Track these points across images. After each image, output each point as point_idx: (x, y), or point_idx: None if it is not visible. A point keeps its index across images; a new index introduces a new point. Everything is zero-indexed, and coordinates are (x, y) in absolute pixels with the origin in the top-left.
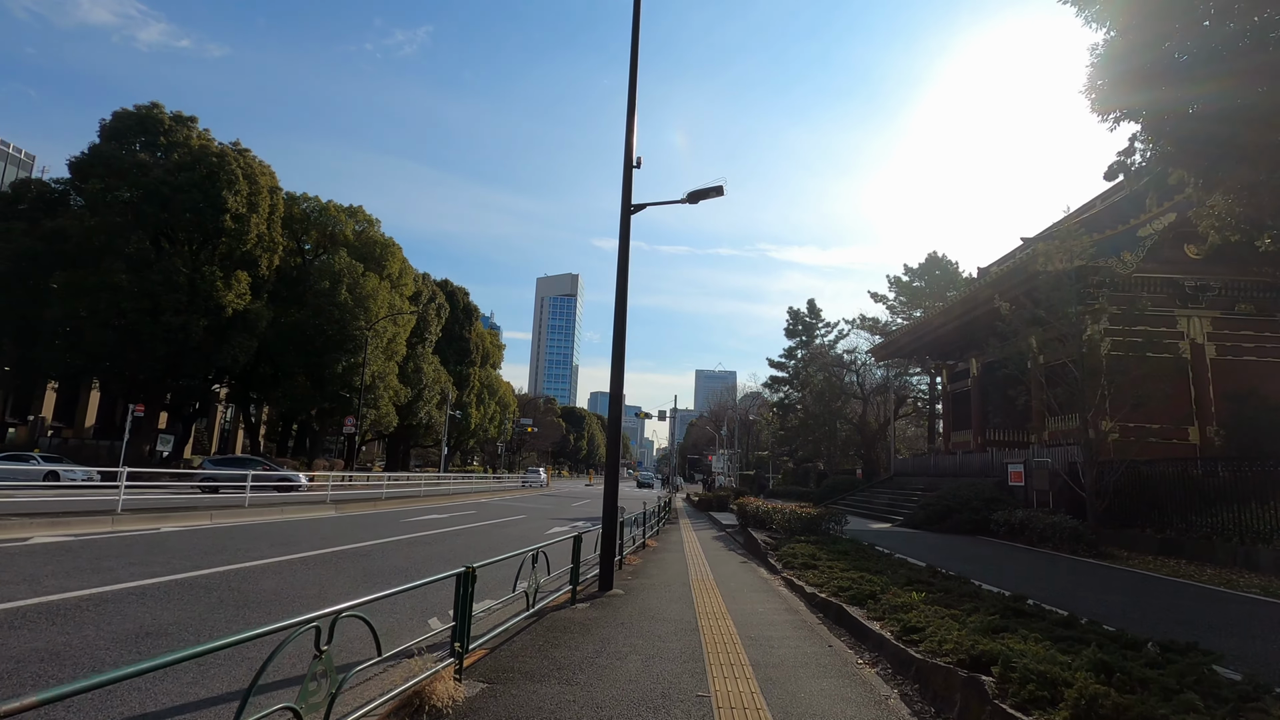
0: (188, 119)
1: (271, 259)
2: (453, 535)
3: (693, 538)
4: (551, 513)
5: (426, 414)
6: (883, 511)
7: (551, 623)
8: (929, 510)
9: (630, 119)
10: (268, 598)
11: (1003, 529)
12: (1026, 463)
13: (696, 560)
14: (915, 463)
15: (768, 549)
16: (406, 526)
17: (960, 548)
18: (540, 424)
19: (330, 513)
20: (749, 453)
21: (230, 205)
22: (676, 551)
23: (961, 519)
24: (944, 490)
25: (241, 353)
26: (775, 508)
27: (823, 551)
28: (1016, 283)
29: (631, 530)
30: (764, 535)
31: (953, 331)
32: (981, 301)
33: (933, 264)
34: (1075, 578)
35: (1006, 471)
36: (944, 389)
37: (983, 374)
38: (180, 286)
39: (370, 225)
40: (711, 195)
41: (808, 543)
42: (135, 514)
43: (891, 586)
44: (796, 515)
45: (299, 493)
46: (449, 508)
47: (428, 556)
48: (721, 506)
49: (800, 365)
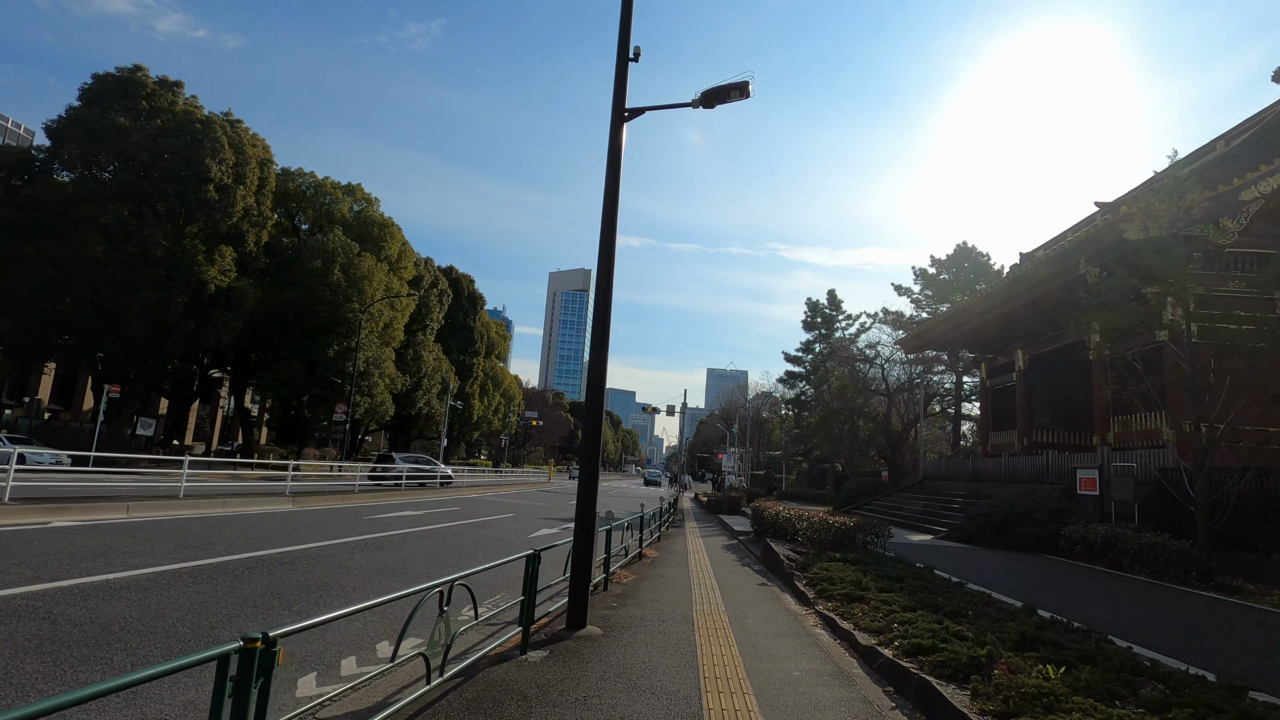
0: (173, 84)
1: (260, 235)
2: (416, 538)
3: (699, 546)
4: (545, 511)
5: (426, 404)
6: (918, 520)
7: (476, 695)
8: (981, 522)
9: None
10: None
11: (1078, 547)
12: (1101, 468)
13: (703, 579)
14: (949, 465)
15: (793, 568)
16: (368, 525)
17: (1035, 572)
18: (548, 418)
19: (285, 506)
20: (760, 452)
21: (214, 175)
22: (679, 566)
23: (1022, 533)
24: (997, 499)
25: (226, 333)
26: (798, 513)
27: (868, 576)
28: (1103, 247)
29: (624, 538)
30: (786, 549)
31: (996, 320)
32: (1040, 281)
33: (962, 255)
34: (1226, 624)
35: (1072, 478)
36: (983, 385)
37: (1031, 367)
38: (158, 260)
39: (369, 204)
40: (733, 97)
41: (845, 561)
42: (29, 504)
43: (999, 649)
44: (827, 525)
45: (248, 484)
46: (430, 503)
47: (364, 569)
48: (732, 509)
49: (819, 359)
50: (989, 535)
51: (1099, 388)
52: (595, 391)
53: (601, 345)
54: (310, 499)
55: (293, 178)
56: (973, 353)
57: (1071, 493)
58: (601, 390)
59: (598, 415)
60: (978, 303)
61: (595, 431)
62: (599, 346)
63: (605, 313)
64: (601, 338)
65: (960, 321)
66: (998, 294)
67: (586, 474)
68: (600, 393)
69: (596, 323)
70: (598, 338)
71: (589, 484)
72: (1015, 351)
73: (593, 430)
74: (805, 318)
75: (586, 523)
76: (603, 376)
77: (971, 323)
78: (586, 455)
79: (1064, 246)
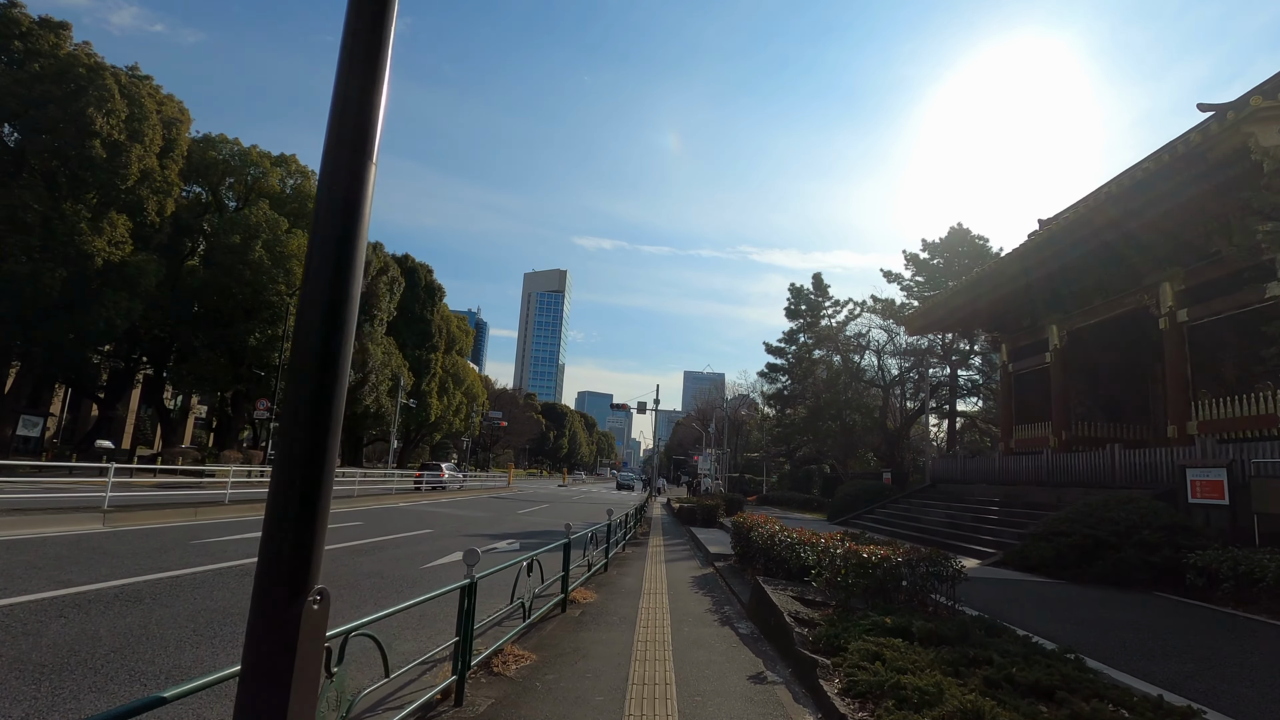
0: (57, 24)
1: (163, 203)
2: (215, 581)
3: (660, 581)
4: (478, 525)
5: (375, 401)
6: (946, 536)
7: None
8: (1058, 543)
9: None
10: None
11: (1227, 586)
12: (1232, 467)
13: (652, 668)
14: (965, 466)
15: (809, 645)
16: (182, 556)
17: (1207, 642)
18: (519, 420)
19: (92, 527)
20: (738, 454)
21: (100, 128)
22: (619, 627)
23: (1123, 561)
24: (1073, 510)
25: (118, 315)
26: (798, 536)
27: (976, 680)
28: (1209, 166)
29: (536, 584)
30: (788, 596)
31: (1026, 287)
32: (1100, 226)
33: (956, 239)
34: None
35: (1159, 480)
36: (1004, 370)
37: (1069, 345)
38: (30, 226)
39: (305, 178)
40: None
41: (907, 637)
42: None
43: None
44: (854, 560)
45: (68, 495)
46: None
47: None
48: (708, 520)
49: (804, 350)
50: (1071, 563)
51: (1174, 364)
52: (344, 217)
53: (360, 146)
54: (141, 514)
55: (214, 145)
56: (991, 330)
57: (1172, 501)
58: (358, 216)
59: (340, 299)
60: (1009, 263)
61: (330, 338)
62: (351, 147)
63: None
64: (360, 130)
65: (977, 294)
66: (1030, 252)
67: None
68: (356, 219)
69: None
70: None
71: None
72: (1048, 328)
73: (324, 328)
74: (789, 305)
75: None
76: (363, 189)
77: (995, 292)
78: (299, 408)
79: (1143, 173)
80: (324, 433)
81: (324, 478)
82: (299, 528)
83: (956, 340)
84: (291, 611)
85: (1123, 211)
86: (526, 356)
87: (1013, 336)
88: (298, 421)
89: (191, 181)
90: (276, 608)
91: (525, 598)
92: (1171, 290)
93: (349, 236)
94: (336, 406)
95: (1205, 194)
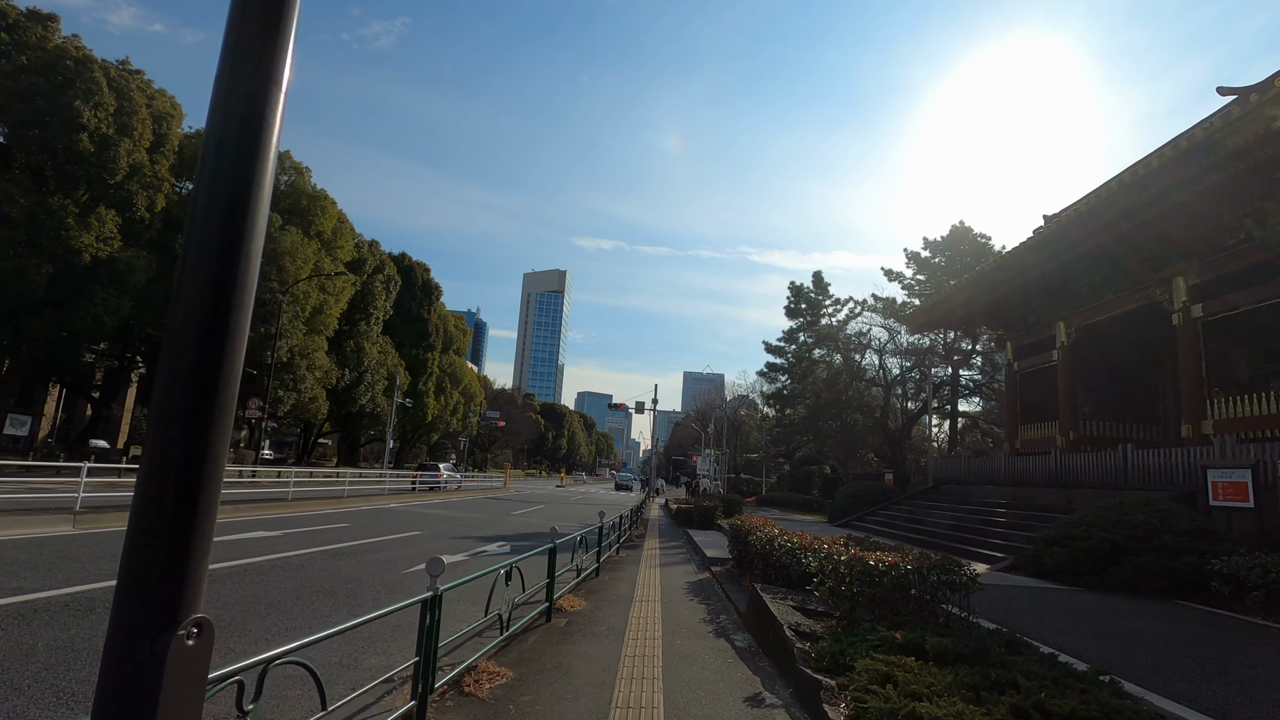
0: (46, 16)
1: (153, 198)
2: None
3: (653, 587)
4: (470, 527)
5: (370, 401)
6: (952, 540)
7: None
8: (1072, 548)
9: None
10: None
11: (1256, 595)
12: (1257, 468)
13: (639, 686)
14: (970, 467)
15: (811, 663)
16: None
17: (1246, 658)
18: (517, 420)
19: (61, 529)
20: (737, 454)
21: (87, 121)
22: (607, 640)
23: (1141, 567)
24: (1086, 514)
25: (107, 312)
26: (799, 540)
27: (986, 705)
28: (1229, 152)
29: (516, 594)
30: (788, 606)
31: (1028, 285)
32: (1112, 218)
33: (958, 237)
34: None
35: (1176, 482)
36: (1009, 369)
37: (1077, 342)
38: (15, 221)
39: (299, 175)
40: None
41: (919, 655)
42: None
43: None
44: (859, 566)
45: (48, 495)
46: (313, 518)
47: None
48: (706, 521)
49: (804, 349)
50: (1087, 569)
51: (1188, 360)
52: (241, 154)
53: (266, 70)
54: (116, 516)
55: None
56: (995, 327)
57: (1190, 503)
58: (263, 141)
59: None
60: (1025, 252)
61: (220, 305)
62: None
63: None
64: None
65: (980, 291)
66: (1052, 239)
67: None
68: (259, 157)
69: None
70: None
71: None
72: (1055, 324)
73: (211, 295)
74: (788, 304)
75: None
76: (267, 125)
77: (999, 289)
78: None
79: (1166, 158)
80: (207, 422)
81: (205, 479)
82: (171, 540)
83: (958, 339)
84: (155, 649)
85: (1136, 201)
86: (526, 357)
87: (1018, 334)
88: (172, 405)
89: (183, 177)
90: (135, 644)
91: (503, 609)
92: (1185, 284)
93: (246, 174)
94: (226, 385)
95: (1228, 181)
